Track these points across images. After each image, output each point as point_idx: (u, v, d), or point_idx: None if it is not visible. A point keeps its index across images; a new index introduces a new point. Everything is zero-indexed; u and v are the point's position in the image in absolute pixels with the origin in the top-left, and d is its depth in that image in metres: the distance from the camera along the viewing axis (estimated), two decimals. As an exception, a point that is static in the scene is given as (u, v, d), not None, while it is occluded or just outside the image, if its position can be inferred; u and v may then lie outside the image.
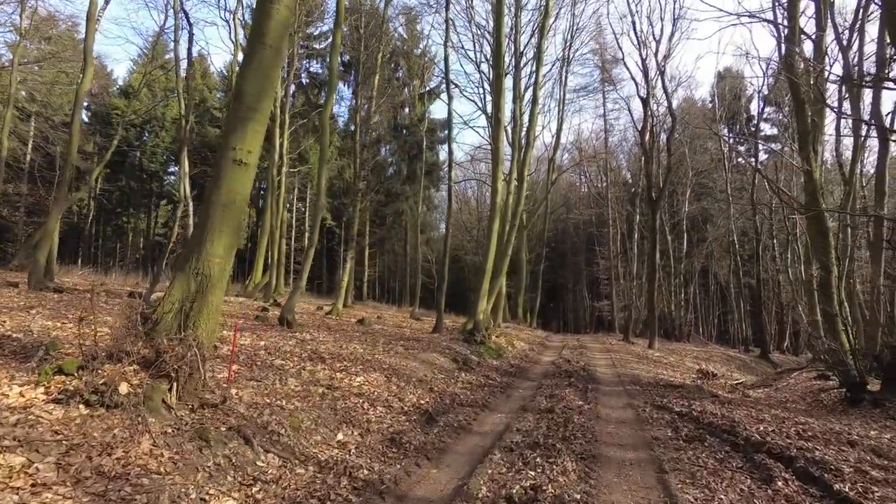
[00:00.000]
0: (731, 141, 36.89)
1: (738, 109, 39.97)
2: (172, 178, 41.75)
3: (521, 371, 11.79)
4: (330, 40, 31.09)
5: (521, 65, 22.43)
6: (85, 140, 36.60)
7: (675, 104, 26.91)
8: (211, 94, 39.53)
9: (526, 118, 20.85)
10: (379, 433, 5.50)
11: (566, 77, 29.11)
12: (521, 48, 21.78)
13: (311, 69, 31.60)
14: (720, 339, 42.81)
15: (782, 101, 28.45)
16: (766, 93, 27.26)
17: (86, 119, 40.83)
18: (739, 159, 41.61)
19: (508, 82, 26.23)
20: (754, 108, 41.26)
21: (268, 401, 5.23)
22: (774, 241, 33.81)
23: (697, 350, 27.53)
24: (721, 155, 40.18)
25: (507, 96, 27.03)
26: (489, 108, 27.99)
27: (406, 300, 39.26)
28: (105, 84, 39.33)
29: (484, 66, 26.22)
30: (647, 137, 24.95)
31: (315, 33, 32.28)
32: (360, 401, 6.35)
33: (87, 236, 45.19)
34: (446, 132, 38.52)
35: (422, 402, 7.12)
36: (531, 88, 19.53)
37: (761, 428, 7.05)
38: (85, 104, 40.97)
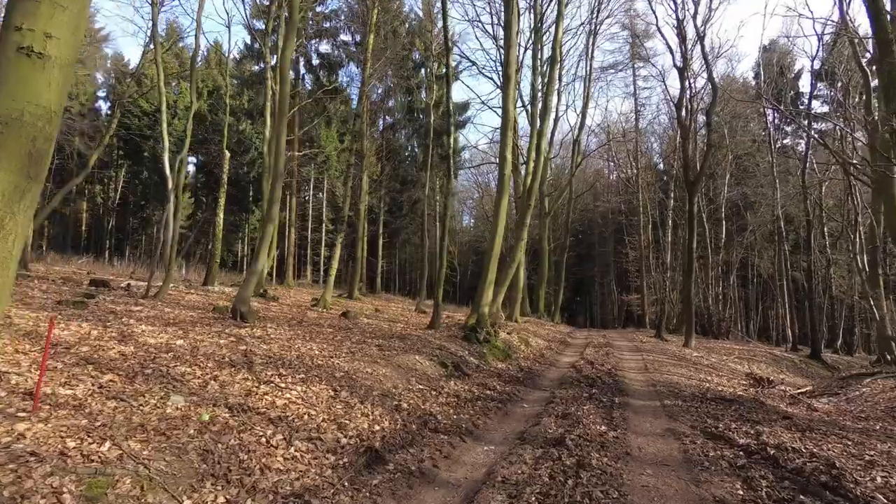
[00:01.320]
0: (777, 118, 33.32)
1: (783, 86, 36.23)
2: (192, 167, 40.86)
3: (532, 377, 9.51)
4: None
5: (542, 30, 19.93)
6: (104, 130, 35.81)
7: (715, 75, 23.87)
8: (225, 80, 38.16)
9: (543, 90, 18.33)
10: (267, 495, 3.38)
11: (592, 51, 26.44)
12: (542, 9, 19.27)
13: (322, 49, 29.73)
14: (761, 336, 39.28)
15: (838, 71, 24.99)
16: (821, 59, 23.80)
17: (106, 110, 40.23)
18: (785, 140, 37.92)
19: (528, 59, 23.76)
20: (803, 85, 37.44)
21: (75, 444, 3.17)
22: (825, 227, 30.27)
23: (739, 349, 24.54)
24: (765, 135, 36.62)
25: (526, 69, 24.57)
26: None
27: (424, 293, 37.29)
28: (121, 71, 38.50)
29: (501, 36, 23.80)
30: (683, 113, 22.09)
31: (325, 11, 30.39)
32: (271, 432, 4.24)
33: (110, 229, 44.84)
34: (465, 115, 36.25)
35: (375, 429, 4.98)
36: (549, 45, 17.00)
37: (878, 479, 4.64)
38: (102, 93, 40.35)
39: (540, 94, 21.35)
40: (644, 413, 6.97)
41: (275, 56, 19.33)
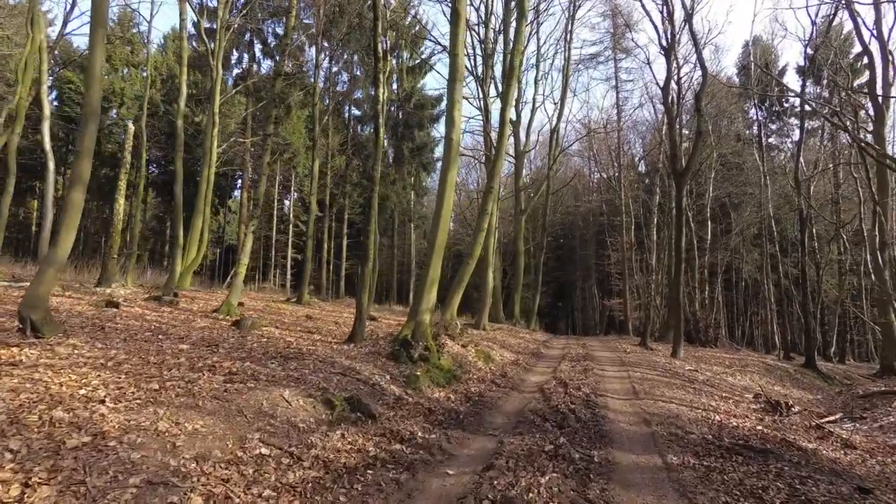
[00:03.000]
0: (764, 115, 31.19)
1: (768, 84, 34.23)
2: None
3: (479, 411, 6.70)
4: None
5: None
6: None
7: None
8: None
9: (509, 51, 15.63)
10: None
11: (571, 35, 23.96)
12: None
13: (279, 31, 26.80)
14: (747, 343, 37.06)
15: (832, 55, 22.82)
16: (814, 46, 21.58)
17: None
18: (770, 139, 35.93)
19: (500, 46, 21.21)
20: (788, 81, 35.53)
21: None
22: (814, 229, 28.13)
23: (729, 358, 22.05)
24: (749, 134, 34.60)
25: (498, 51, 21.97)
26: (479, 70, 23.03)
27: (395, 297, 34.29)
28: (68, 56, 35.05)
29: (473, 17, 21.22)
30: (670, 97, 19.68)
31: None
32: None
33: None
34: (440, 108, 33.55)
35: None
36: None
37: None
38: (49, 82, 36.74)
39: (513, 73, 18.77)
40: (640, 488, 4.20)
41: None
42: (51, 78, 34.85)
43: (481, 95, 22.21)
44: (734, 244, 34.04)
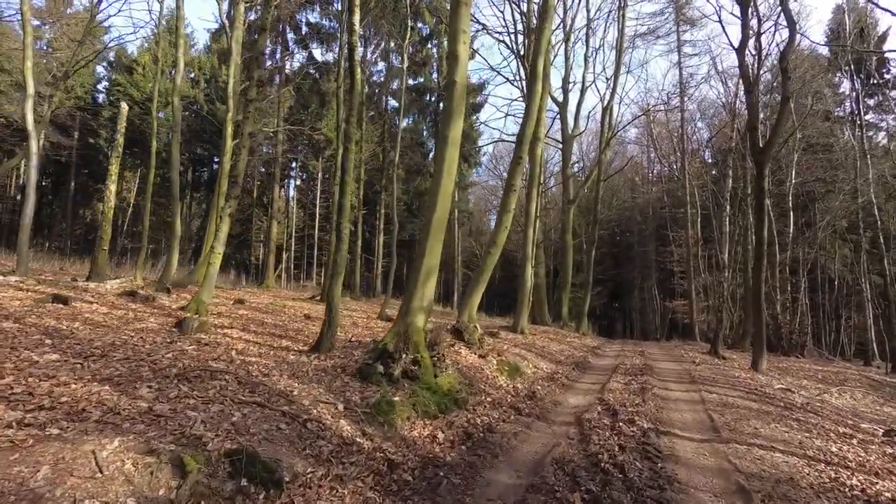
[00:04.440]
0: (859, 89, 26.42)
1: (861, 57, 29.16)
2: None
3: (473, 462, 4.38)
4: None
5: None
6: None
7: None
8: (223, 69, 34.85)
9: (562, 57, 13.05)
10: None
11: (625, 2, 20.95)
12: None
13: (312, 19, 25.51)
14: (834, 350, 31.94)
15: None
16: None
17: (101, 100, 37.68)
18: (867, 116, 30.73)
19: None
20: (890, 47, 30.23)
21: None
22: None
23: (822, 370, 18.25)
24: (840, 111, 29.76)
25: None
26: (521, 47, 20.56)
27: (438, 297, 32.25)
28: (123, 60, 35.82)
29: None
30: (747, 60, 16.34)
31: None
32: None
33: (122, 230, 42.46)
34: (483, 96, 31.20)
35: None
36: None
37: None
38: (103, 85, 37.83)
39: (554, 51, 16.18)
40: None
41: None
42: (105, 82, 35.80)
43: (523, 76, 19.74)
44: (820, 238, 29.32)
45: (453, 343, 8.16)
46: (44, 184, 42.24)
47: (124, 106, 11.71)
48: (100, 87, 34.59)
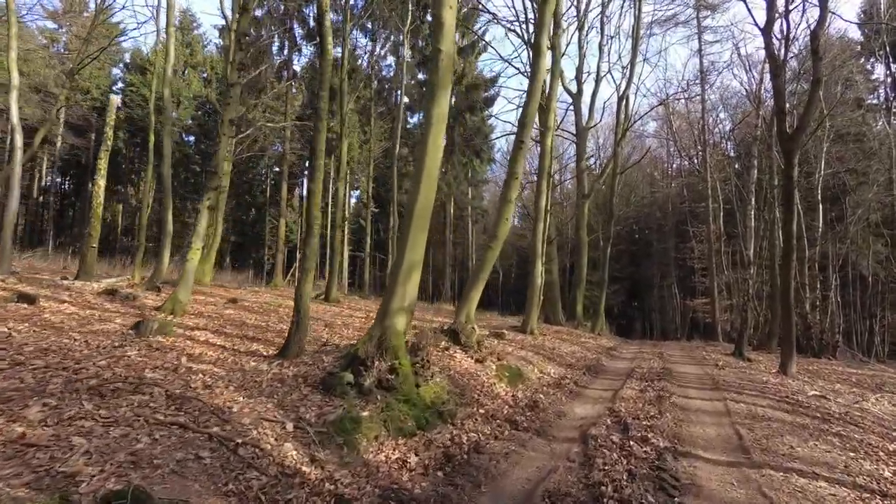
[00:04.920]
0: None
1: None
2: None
3: (447, 496, 3.63)
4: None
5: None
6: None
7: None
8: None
9: None
10: None
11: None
12: None
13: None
14: (867, 352, 30.09)
15: None
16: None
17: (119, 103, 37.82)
18: (903, 103, 28.81)
19: None
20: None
21: None
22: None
23: (855, 374, 16.90)
24: (875, 99, 28.04)
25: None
26: (529, 35, 19.61)
27: (441, 296, 31.48)
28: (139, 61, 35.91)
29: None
30: (773, 42, 15.14)
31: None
32: None
33: (133, 229, 42.74)
34: (494, 89, 30.29)
35: None
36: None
37: None
38: (118, 87, 38.05)
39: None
40: None
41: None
42: (121, 84, 35.92)
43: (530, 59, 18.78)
44: (852, 233, 27.62)
45: (447, 347, 7.38)
46: (65, 186, 42.79)
47: (114, 98, 11.26)
48: (115, 88, 34.65)
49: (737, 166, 30.92)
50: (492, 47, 27.11)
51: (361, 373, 4.75)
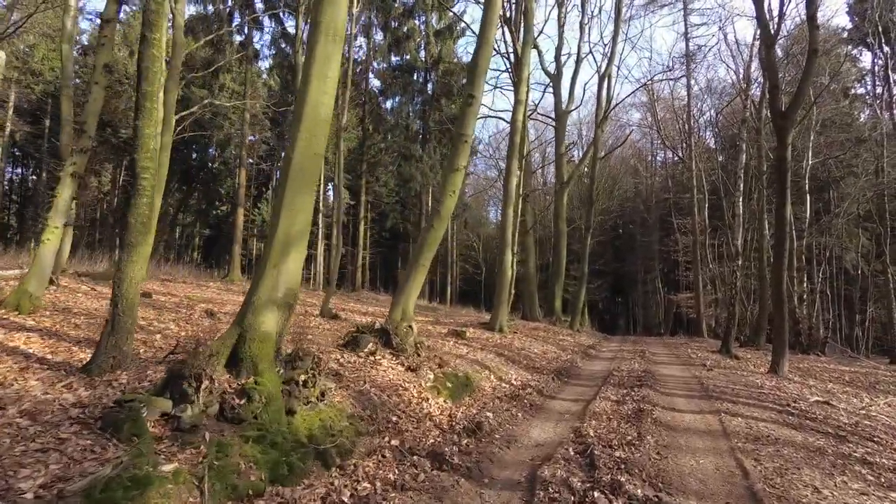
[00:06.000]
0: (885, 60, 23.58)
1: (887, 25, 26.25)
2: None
3: None
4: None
5: None
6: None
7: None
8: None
9: None
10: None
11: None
12: None
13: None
14: (852, 347, 29.14)
15: None
16: None
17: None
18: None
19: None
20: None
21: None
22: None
23: (848, 371, 15.62)
24: (861, 86, 26.96)
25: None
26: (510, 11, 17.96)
27: (429, 294, 29.75)
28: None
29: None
30: (766, 9, 13.70)
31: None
32: None
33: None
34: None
35: None
36: None
37: None
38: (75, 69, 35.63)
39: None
40: None
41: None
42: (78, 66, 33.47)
43: (513, 48, 17.14)
44: (839, 227, 26.57)
45: (373, 351, 5.73)
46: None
47: (1, 54, 9.36)
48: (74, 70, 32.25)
49: (721, 158, 29.70)
50: (471, 30, 25.42)
51: (188, 396, 3.10)
